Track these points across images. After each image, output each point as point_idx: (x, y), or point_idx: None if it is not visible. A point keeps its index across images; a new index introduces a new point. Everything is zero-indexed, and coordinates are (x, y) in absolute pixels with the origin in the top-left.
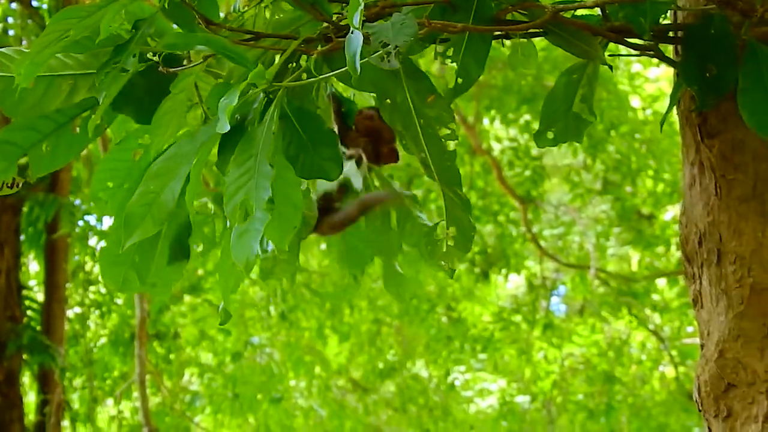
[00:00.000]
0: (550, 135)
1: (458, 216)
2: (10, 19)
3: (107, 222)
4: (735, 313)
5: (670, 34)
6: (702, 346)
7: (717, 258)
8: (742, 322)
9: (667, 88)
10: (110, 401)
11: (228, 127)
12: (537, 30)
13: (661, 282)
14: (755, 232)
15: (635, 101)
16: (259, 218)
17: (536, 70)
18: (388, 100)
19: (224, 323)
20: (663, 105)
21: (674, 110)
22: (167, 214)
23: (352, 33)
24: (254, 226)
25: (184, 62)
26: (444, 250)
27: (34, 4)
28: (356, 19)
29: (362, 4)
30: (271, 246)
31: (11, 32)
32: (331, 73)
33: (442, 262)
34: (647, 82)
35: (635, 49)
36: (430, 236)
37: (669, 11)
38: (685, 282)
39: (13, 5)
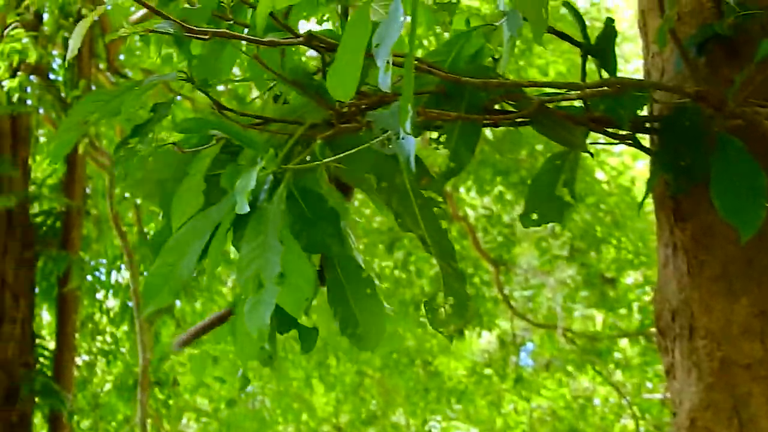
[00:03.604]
0: (535, 216)
1: (454, 287)
2: (29, 89)
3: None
4: (705, 385)
5: (647, 124)
6: (674, 414)
7: (689, 333)
8: (712, 393)
9: (630, 162)
10: None
11: (247, 209)
12: (524, 119)
13: (623, 341)
14: (724, 310)
15: (600, 174)
16: (270, 291)
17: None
18: (385, 183)
19: (244, 389)
20: (626, 178)
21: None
22: (182, 285)
23: (403, 138)
24: (266, 298)
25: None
26: (443, 317)
27: (51, 76)
28: (408, 125)
29: (411, 112)
30: None
31: (29, 101)
32: (334, 157)
33: (442, 329)
34: (611, 156)
35: (615, 139)
36: (430, 305)
37: (646, 104)
38: (660, 354)
39: (32, 77)
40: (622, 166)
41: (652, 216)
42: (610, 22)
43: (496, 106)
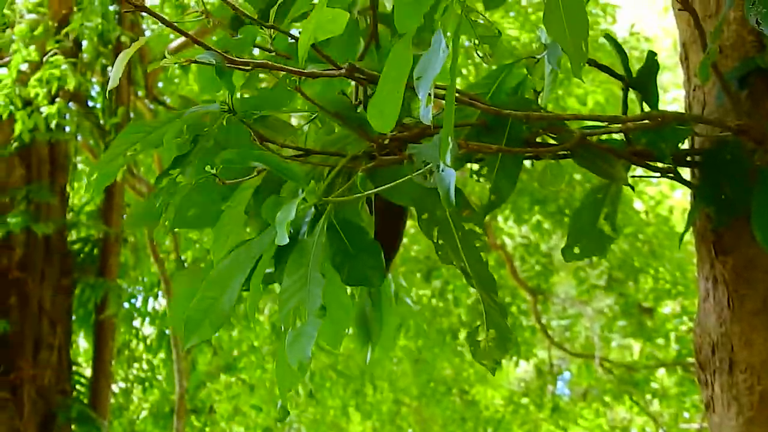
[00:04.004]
0: (577, 250)
1: (496, 320)
2: (67, 116)
3: (150, 305)
4: (745, 419)
5: (688, 158)
6: None
7: (729, 366)
8: (752, 427)
9: (668, 191)
10: None
11: (287, 240)
12: (565, 152)
13: (661, 371)
14: (765, 344)
15: (638, 203)
16: (311, 324)
17: None
18: (426, 215)
19: (283, 420)
20: (664, 207)
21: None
22: (224, 319)
23: (443, 171)
24: (307, 331)
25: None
26: (485, 350)
27: (90, 103)
28: (448, 158)
29: (452, 144)
30: None
31: (67, 128)
32: (375, 190)
33: (485, 361)
34: (649, 186)
35: (656, 172)
36: (472, 338)
37: (687, 137)
38: (699, 387)
39: (71, 104)
40: (660, 195)
41: (690, 246)
42: (652, 56)
43: (537, 139)
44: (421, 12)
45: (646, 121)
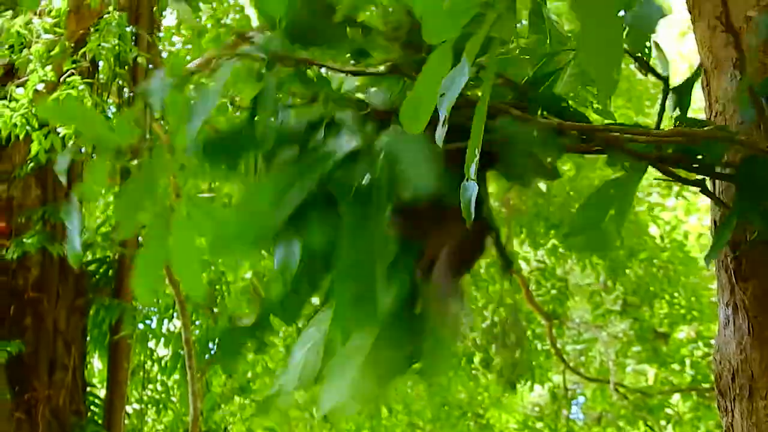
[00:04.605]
0: (578, 241)
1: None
2: None
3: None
4: None
5: (718, 169)
6: None
7: (749, 393)
8: None
9: (683, 216)
10: None
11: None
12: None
13: (676, 396)
14: None
15: (653, 228)
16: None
17: (563, 198)
18: None
19: None
20: (679, 233)
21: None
22: None
23: (467, 182)
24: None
25: None
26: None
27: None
28: (472, 171)
29: (477, 157)
30: None
31: (83, 149)
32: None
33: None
34: (665, 211)
35: (681, 182)
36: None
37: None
38: (719, 414)
39: None
40: (675, 220)
41: (705, 271)
42: (700, 69)
43: None
44: (459, 24)
45: (679, 138)
